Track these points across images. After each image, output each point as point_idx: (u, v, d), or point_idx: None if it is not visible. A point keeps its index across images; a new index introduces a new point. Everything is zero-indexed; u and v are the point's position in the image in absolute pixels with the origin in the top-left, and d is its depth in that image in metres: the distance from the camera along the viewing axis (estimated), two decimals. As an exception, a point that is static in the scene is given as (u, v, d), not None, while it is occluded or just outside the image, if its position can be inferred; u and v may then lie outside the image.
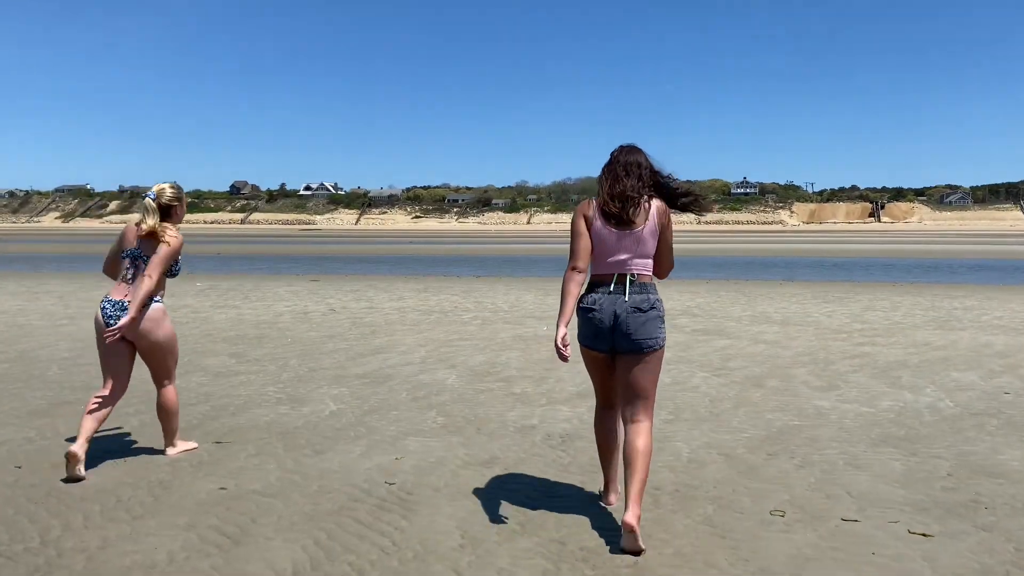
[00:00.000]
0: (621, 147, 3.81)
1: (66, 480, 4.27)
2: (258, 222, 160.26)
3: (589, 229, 3.70)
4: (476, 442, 5.02)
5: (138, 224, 4.62)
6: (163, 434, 4.85)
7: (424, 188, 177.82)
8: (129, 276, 4.57)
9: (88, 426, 4.43)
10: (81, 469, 4.31)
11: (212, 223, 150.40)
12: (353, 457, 4.71)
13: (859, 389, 6.52)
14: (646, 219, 3.66)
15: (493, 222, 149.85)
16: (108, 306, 4.51)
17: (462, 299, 14.10)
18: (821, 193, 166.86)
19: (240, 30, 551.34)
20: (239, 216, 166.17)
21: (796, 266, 28.11)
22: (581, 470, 4.48)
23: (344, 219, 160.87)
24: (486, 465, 4.57)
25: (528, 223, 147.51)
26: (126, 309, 4.42)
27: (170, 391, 4.82)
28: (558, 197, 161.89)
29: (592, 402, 6.13)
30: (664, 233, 3.73)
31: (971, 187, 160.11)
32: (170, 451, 4.82)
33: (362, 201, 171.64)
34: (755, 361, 7.80)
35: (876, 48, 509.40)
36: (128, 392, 6.28)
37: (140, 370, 4.93)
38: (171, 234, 4.60)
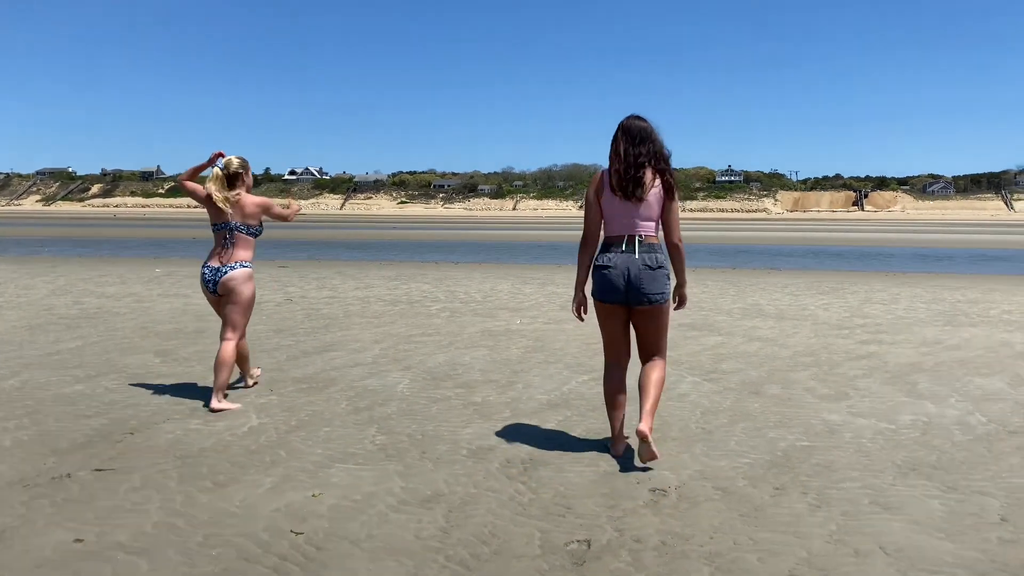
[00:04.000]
0: (628, 118, 4.19)
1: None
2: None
3: (600, 199, 4.18)
4: (418, 471, 4.09)
5: (208, 195, 5.24)
6: (215, 387, 5.22)
7: (410, 173, 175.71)
8: (226, 245, 5.30)
9: (223, 379, 5.23)
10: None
11: (195, 207, 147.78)
12: (260, 493, 3.77)
13: (872, 398, 5.65)
14: (651, 188, 4.09)
15: (479, 208, 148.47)
16: (208, 272, 5.31)
17: (433, 288, 13.15)
18: (805, 182, 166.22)
19: (224, 14, 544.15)
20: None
21: (784, 255, 27.32)
22: (544, 511, 3.57)
23: (329, 204, 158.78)
24: (425, 504, 3.64)
25: (514, 209, 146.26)
26: (220, 271, 5.27)
27: (229, 345, 5.29)
28: (544, 184, 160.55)
29: (568, 412, 5.26)
30: (667, 199, 4.13)
31: (953, 177, 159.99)
32: (214, 402, 5.18)
33: (347, 186, 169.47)
34: (751, 362, 6.91)
35: (861, 37, 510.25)
36: (6, 405, 5.39)
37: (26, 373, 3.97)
38: (244, 193, 5.31)
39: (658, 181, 4.10)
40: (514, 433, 4.74)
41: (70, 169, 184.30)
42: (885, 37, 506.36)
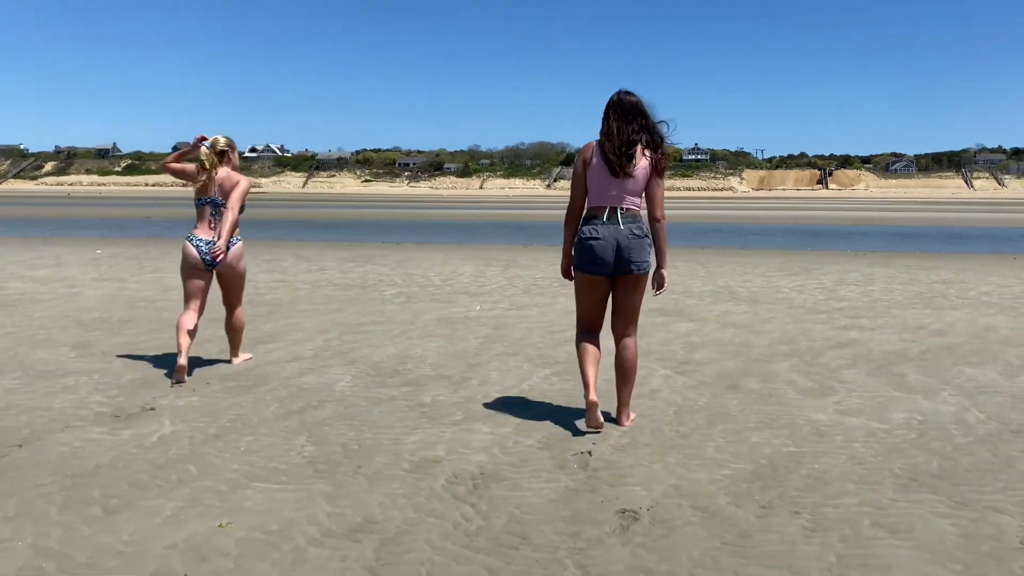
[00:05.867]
0: (618, 93, 4.19)
1: (177, 383, 5.21)
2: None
3: (587, 170, 4.17)
4: (349, 491, 3.51)
5: (198, 171, 5.44)
6: (230, 347, 5.86)
7: (374, 151, 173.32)
8: (214, 219, 5.48)
9: (185, 342, 5.30)
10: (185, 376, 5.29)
11: (154, 185, 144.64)
12: (157, 523, 3.16)
13: (860, 393, 5.17)
14: (640, 165, 4.13)
15: (445, 187, 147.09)
16: (202, 244, 5.46)
17: (390, 270, 12.49)
18: (771, 160, 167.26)
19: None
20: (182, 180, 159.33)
21: (751, 234, 27.05)
22: (494, 543, 3.01)
23: (291, 182, 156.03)
24: (353, 535, 3.07)
25: (481, 188, 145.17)
26: (213, 244, 5.42)
27: (239, 312, 5.80)
28: (511, 162, 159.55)
29: (527, 413, 4.70)
30: (654, 175, 4.17)
31: (915, 155, 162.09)
32: (235, 360, 5.79)
33: (310, 164, 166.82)
34: (726, 352, 6.42)
35: (825, 19, 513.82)
36: None
37: None
38: (229, 171, 5.54)
39: (647, 157, 4.15)
40: (465, 441, 4.17)
41: (22, 146, 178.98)
42: (848, 17, 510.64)
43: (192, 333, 5.36)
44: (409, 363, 5.91)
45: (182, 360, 5.21)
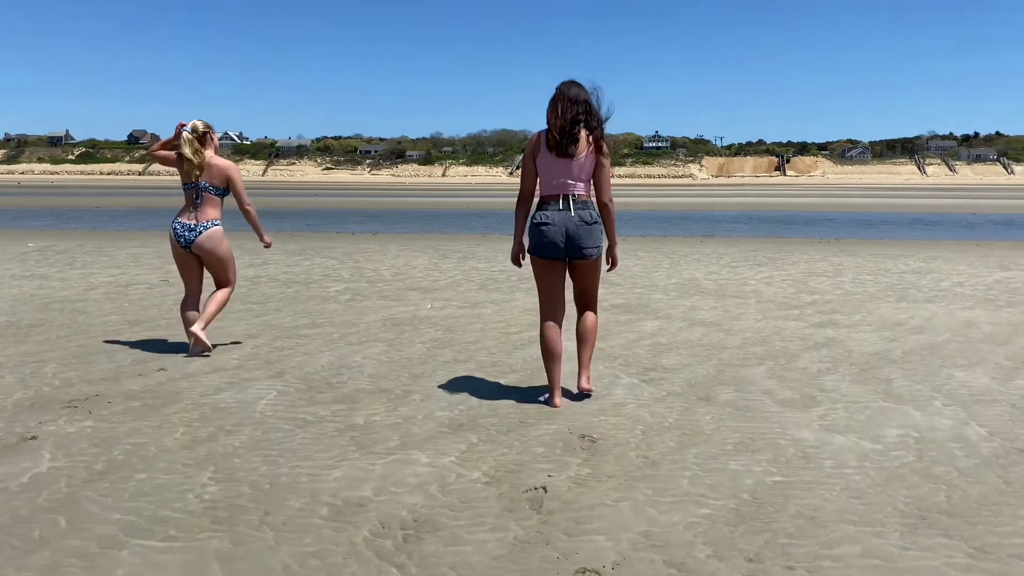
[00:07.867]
0: (565, 82, 4.35)
1: (192, 355, 5.55)
2: (158, 173, 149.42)
3: (536, 159, 4.36)
4: (250, 548, 2.87)
5: (179, 156, 5.55)
6: (201, 316, 5.59)
7: (335, 139, 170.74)
8: (196, 204, 5.60)
9: (192, 317, 5.63)
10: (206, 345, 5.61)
11: (109, 174, 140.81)
12: (-4, 604, 2.51)
13: (846, 404, 4.66)
14: (585, 148, 4.29)
15: (407, 174, 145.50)
16: (179, 227, 5.61)
17: (339, 264, 11.78)
18: (729, 147, 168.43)
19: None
20: (138, 167, 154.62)
21: (714, 221, 26.71)
22: (422, 622, 2.40)
23: (250, 170, 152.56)
24: (244, 618, 2.44)
25: (443, 176, 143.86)
26: (194, 230, 5.59)
27: (224, 292, 5.76)
28: (474, 149, 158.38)
29: (474, 438, 4.07)
30: (599, 160, 4.33)
31: (870, 142, 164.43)
32: (196, 327, 5.49)
33: (269, 152, 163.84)
34: (696, 355, 5.88)
35: (782, 7, 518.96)
36: None
37: None
38: (212, 155, 5.64)
39: (591, 143, 4.29)
40: (398, 476, 3.55)
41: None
42: (806, 5, 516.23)
43: (192, 312, 5.66)
44: (345, 374, 5.26)
45: (194, 328, 5.49)
